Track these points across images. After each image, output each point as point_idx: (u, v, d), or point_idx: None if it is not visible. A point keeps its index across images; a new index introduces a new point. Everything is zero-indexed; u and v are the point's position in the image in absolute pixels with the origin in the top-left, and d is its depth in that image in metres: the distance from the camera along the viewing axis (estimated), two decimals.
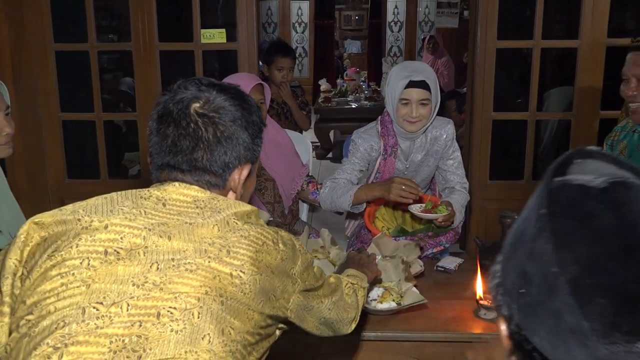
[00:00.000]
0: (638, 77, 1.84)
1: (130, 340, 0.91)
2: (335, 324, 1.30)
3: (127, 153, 4.83)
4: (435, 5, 10.39)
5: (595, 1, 3.15)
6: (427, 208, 2.08)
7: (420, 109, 2.15)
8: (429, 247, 2.22)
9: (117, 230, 1.00)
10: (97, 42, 3.42)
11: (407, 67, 2.26)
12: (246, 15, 3.29)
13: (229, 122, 1.12)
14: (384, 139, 2.27)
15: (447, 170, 2.35)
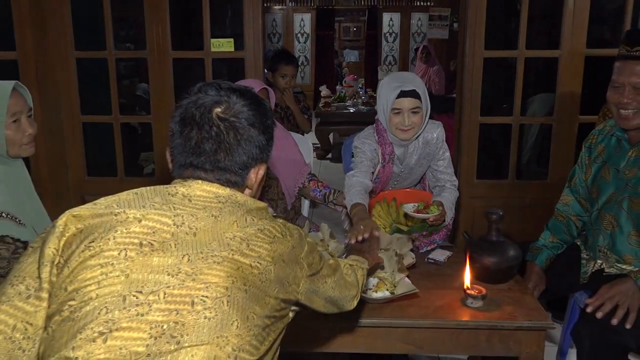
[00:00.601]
0: (633, 84, 1.81)
1: (168, 327, 0.93)
2: (339, 301, 1.35)
3: (143, 153, 4.83)
4: (427, 18, 10.39)
5: (575, 14, 3.15)
6: (420, 208, 2.08)
7: (412, 117, 2.13)
8: (424, 245, 2.22)
9: (150, 225, 1.02)
10: (114, 50, 3.41)
11: (397, 78, 2.23)
12: (252, 26, 3.29)
13: (247, 125, 1.14)
14: (382, 147, 2.25)
15: (437, 170, 2.35)
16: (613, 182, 1.96)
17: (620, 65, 1.86)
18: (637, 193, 1.87)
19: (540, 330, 1.59)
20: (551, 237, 2.12)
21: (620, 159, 1.95)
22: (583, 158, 2.11)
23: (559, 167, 3.35)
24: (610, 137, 2.03)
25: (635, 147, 1.91)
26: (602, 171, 2.01)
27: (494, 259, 1.77)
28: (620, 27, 3.23)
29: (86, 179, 3.55)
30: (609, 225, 1.96)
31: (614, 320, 1.69)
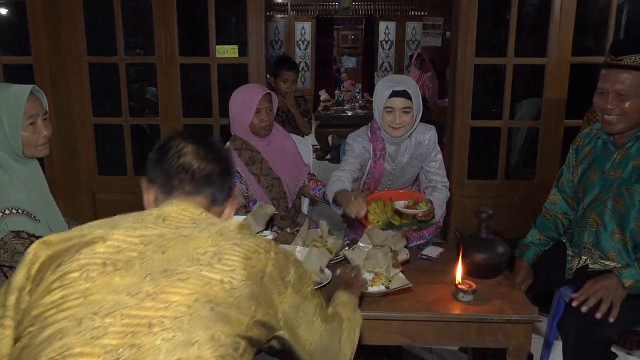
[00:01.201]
0: (616, 91, 1.80)
1: (124, 350, 0.84)
2: (329, 353, 1.18)
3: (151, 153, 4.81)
4: (421, 26, 10.38)
5: (561, 24, 3.14)
6: (410, 204, 2.08)
7: (403, 116, 2.14)
8: (413, 239, 2.23)
9: (115, 245, 0.96)
10: (125, 56, 3.41)
11: (391, 79, 2.25)
12: (255, 34, 3.28)
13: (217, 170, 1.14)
14: (374, 143, 2.26)
15: (429, 171, 2.35)
16: (599, 182, 1.95)
17: (605, 73, 1.85)
18: (621, 193, 1.86)
19: (527, 323, 1.58)
20: (538, 235, 2.12)
21: (606, 161, 1.94)
22: (570, 159, 2.11)
23: (545, 168, 3.34)
24: (596, 139, 2.02)
25: (620, 150, 1.90)
26: (589, 172, 2.00)
27: (483, 255, 1.77)
28: (604, 36, 3.22)
29: (97, 178, 3.55)
30: (594, 223, 1.95)
31: (598, 314, 1.68)
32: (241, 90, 2.42)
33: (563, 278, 2.08)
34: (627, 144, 1.89)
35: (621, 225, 1.87)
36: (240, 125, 2.33)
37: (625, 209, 1.85)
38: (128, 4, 3.62)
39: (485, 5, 3.22)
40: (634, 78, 1.77)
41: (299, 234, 1.93)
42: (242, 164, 2.32)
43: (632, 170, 1.85)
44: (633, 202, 1.83)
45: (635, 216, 1.83)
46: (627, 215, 1.85)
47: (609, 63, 1.83)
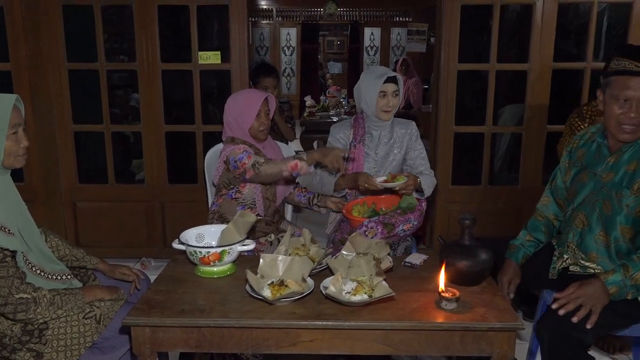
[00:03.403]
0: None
1: None
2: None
3: (135, 160, 4.76)
4: (405, 32, 10.43)
5: (543, 30, 3.17)
6: (388, 179, 2.25)
7: (393, 100, 2.38)
8: (399, 223, 2.24)
9: None
10: (106, 62, 3.37)
11: (377, 69, 2.46)
12: (238, 40, 3.27)
13: None
14: (355, 129, 2.46)
15: (414, 159, 2.49)
16: (590, 184, 1.96)
17: (627, 80, 1.77)
18: (611, 197, 1.86)
19: (510, 331, 1.56)
20: (528, 236, 2.12)
21: (599, 164, 1.94)
22: (564, 162, 2.12)
23: (529, 173, 3.36)
24: (591, 143, 2.02)
25: (614, 154, 1.90)
26: (581, 174, 2.01)
27: (467, 262, 1.75)
28: (584, 43, 3.25)
29: (78, 186, 3.49)
30: (580, 224, 1.96)
31: (574, 319, 1.67)
32: (240, 94, 2.41)
33: (546, 280, 2.08)
34: (622, 149, 1.88)
35: (606, 228, 1.88)
36: (239, 128, 2.31)
37: (612, 212, 1.86)
38: (109, 10, 3.59)
39: (468, 12, 3.24)
40: None
41: (282, 242, 1.90)
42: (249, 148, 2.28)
43: (624, 174, 1.85)
44: (621, 206, 1.84)
45: (621, 221, 1.84)
46: (614, 219, 1.86)
47: (633, 70, 1.76)
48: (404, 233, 2.25)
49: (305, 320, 1.55)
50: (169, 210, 3.51)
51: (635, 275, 1.72)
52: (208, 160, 2.73)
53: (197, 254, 1.79)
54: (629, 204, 1.82)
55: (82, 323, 1.72)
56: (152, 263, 3.50)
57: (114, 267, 2.02)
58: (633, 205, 1.81)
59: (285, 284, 1.64)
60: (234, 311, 1.59)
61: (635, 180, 1.82)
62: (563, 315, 1.70)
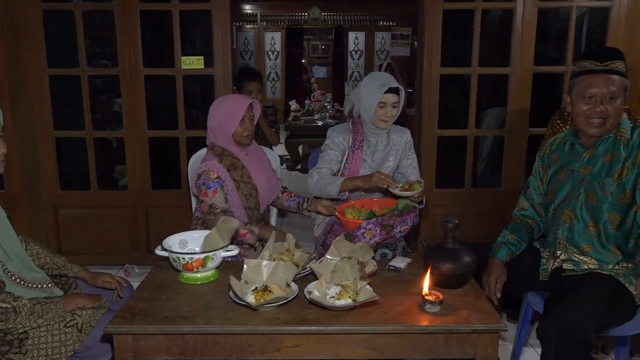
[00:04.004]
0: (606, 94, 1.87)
1: None
2: None
3: (118, 166, 4.73)
4: (389, 36, 10.49)
5: (523, 35, 3.21)
6: (405, 187, 2.20)
7: (392, 110, 2.35)
8: (397, 225, 2.22)
9: None
10: (88, 67, 3.33)
11: (380, 77, 2.41)
12: (221, 45, 3.26)
13: None
14: (354, 135, 2.42)
15: (406, 167, 2.49)
16: (569, 181, 2.01)
17: (591, 79, 1.89)
18: (593, 187, 1.92)
19: (493, 333, 1.58)
20: (510, 235, 2.13)
21: (575, 161, 2.00)
22: (537, 167, 2.16)
23: (511, 175, 3.40)
24: (563, 145, 2.08)
25: (588, 150, 1.97)
26: (558, 174, 2.05)
27: (450, 265, 1.76)
28: (564, 47, 3.30)
29: (59, 192, 3.45)
30: (568, 219, 1.99)
31: None
32: (225, 99, 2.40)
33: (534, 282, 2.09)
34: (596, 143, 1.95)
35: (594, 218, 1.93)
36: (223, 134, 2.30)
37: (597, 201, 1.91)
38: (91, 15, 3.56)
39: (450, 16, 3.27)
40: (618, 81, 1.86)
41: (266, 247, 1.90)
42: (224, 168, 2.27)
43: (602, 165, 1.92)
44: (605, 194, 1.89)
45: (608, 208, 1.89)
46: (600, 208, 1.91)
47: (593, 69, 1.88)
48: (401, 234, 2.27)
49: (290, 326, 1.55)
50: (152, 217, 3.48)
51: None
52: (191, 166, 2.71)
53: (180, 261, 1.78)
54: (613, 192, 1.88)
55: (63, 332, 1.70)
56: (136, 270, 3.46)
57: (96, 275, 1.99)
58: (617, 192, 1.88)
59: (269, 289, 1.64)
60: (218, 317, 1.58)
61: (614, 168, 1.89)
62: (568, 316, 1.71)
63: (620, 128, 1.93)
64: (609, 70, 1.86)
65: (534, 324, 2.47)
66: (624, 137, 1.91)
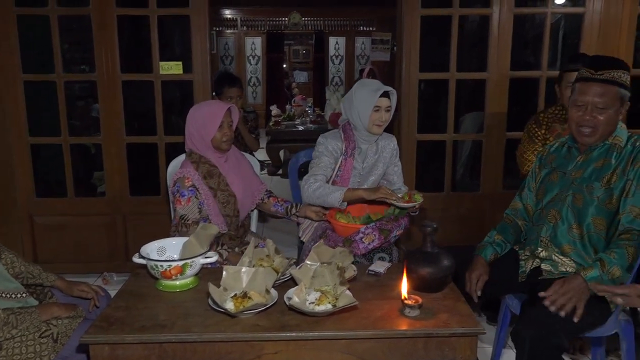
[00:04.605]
0: (596, 104, 1.89)
1: None
2: None
3: (96, 172, 4.66)
4: (370, 41, 10.56)
5: (500, 40, 3.25)
6: (405, 199, 2.24)
7: (386, 115, 2.38)
8: (394, 229, 2.30)
9: None
10: (64, 73, 3.29)
11: (372, 83, 2.44)
12: (200, 50, 3.25)
13: None
14: (346, 142, 2.43)
15: (392, 174, 2.55)
16: (559, 182, 2.04)
17: (583, 87, 1.92)
18: (581, 190, 1.95)
19: (472, 336, 1.59)
20: (497, 236, 2.16)
21: (569, 163, 2.04)
22: (534, 168, 2.20)
23: (489, 179, 3.43)
24: (561, 147, 2.12)
25: (583, 154, 2.01)
26: (551, 175, 2.09)
27: (429, 269, 1.77)
28: (540, 52, 3.36)
29: (35, 200, 3.39)
30: (553, 219, 2.02)
31: (562, 313, 1.71)
32: (203, 105, 2.38)
33: (513, 285, 2.12)
34: (591, 148, 1.99)
35: (579, 220, 1.95)
36: (201, 139, 2.28)
37: (583, 204, 1.94)
38: (67, 20, 3.51)
39: (428, 22, 3.30)
40: (611, 92, 1.88)
41: (246, 253, 1.89)
42: (200, 177, 2.26)
43: (593, 170, 1.95)
44: (592, 198, 1.92)
45: (593, 212, 1.92)
46: (585, 211, 1.93)
47: (588, 77, 1.91)
48: (395, 238, 2.30)
49: (269, 332, 1.54)
50: (131, 224, 3.44)
51: (612, 269, 1.79)
52: (170, 172, 2.69)
53: (158, 268, 1.76)
54: (600, 196, 1.91)
55: (38, 342, 1.67)
56: (114, 278, 3.42)
57: (72, 284, 1.96)
58: (603, 197, 1.90)
59: (249, 295, 1.63)
60: (197, 325, 1.56)
61: (603, 174, 1.92)
62: (541, 321, 1.74)
63: (616, 136, 1.95)
64: (602, 79, 1.87)
65: (512, 326, 2.49)
66: (618, 145, 1.94)
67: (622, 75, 1.89)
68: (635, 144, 1.93)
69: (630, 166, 1.88)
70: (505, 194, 3.27)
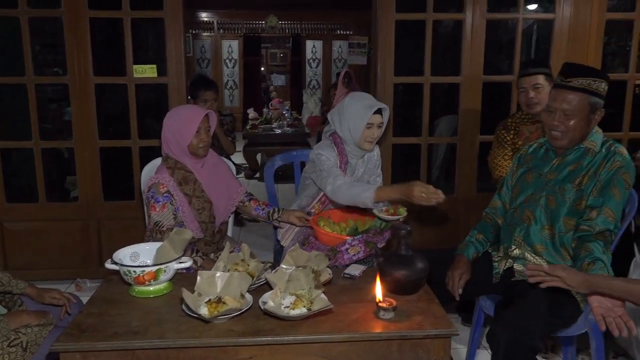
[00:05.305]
0: (564, 111, 1.93)
1: None
2: None
3: (69, 176, 4.59)
4: (347, 45, 10.61)
5: (472, 45, 3.30)
6: (390, 212, 2.21)
7: (377, 131, 2.36)
8: (379, 242, 2.27)
9: None
10: (35, 76, 3.23)
11: (365, 98, 2.40)
12: (174, 53, 3.22)
13: None
14: (340, 156, 2.39)
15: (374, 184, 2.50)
16: (534, 183, 2.08)
17: (555, 93, 1.98)
18: (555, 192, 2.00)
19: (445, 338, 1.61)
20: (478, 234, 2.20)
21: (545, 165, 2.08)
22: (512, 166, 2.25)
23: (464, 182, 3.48)
24: (539, 149, 2.17)
25: (559, 157, 2.05)
26: (526, 175, 2.14)
27: (404, 272, 1.78)
28: (512, 57, 3.42)
29: (6, 206, 3.32)
30: (527, 219, 2.06)
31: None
32: (179, 109, 2.34)
33: (487, 286, 2.15)
34: (566, 152, 2.03)
35: (551, 221, 2.00)
36: (177, 145, 2.25)
37: (556, 205, 1.99)
38: (39, 22, 3.46)
39: (403, 26, 3.33)
40: (579, 99, 1.91)
41: (220, 258, 1.88)
42: (175, 183, 2.23)
43: (568, 173, 2.00)
44: (564, 200, 1.97)
45: (565, 212, 1.97)
46: (558, 212, 1.99)
47: (559, 84, 1.96)
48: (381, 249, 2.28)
49: (244, 337, 1.53)
50: (105, 229, 3.39)
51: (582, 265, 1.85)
52: (145, 176, 2.66)
53: (131, 274, 1.74)
54: (571, 197, 1.96)
55: (6, 352, 1.63)
56: (88, 284, 3.36)
57: (43, 291, 1.92)
58: (574, 198, 1.96)
59: (223, 300, 1.62)
60: (170, 331, 1.55)
61: (576, 175, 1.97)
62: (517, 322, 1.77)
63: (590, 140, 2.00)
64: (572, 87, 1.91)
65: (486, 327, 2.53)
66: (592, 149, 1.99)
67: (594, 83, 1.91)
68: (609, 148, 1.98)
69: (603, 169, 1.93)
70: (479, 196, 3.32)
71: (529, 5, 4.20)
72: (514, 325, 1.77)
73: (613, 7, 3.83)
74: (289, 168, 2.93)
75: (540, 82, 2.58)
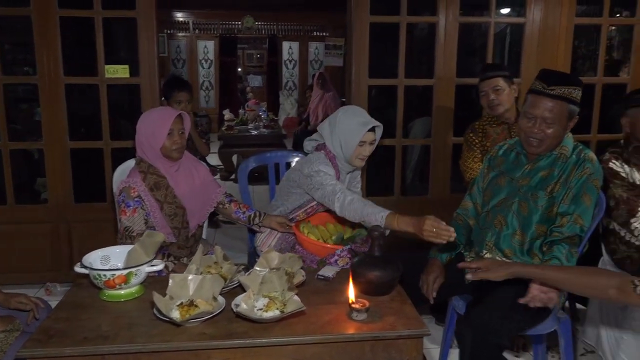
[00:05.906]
0: (545, 119, 1.94)
1: None
2: None
3: (39, 178, 4.49)
4: (323, 47, 10.64)
5: (446, 47, 3.34)
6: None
7: (369, 148, 2.31)
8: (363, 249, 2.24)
9: None
10: (3, 75, 3.15)
11: (359, 114, 2.32)
12: (147, 53, 3.18)
13: None
14: (335, 170, 2.35)
15: (354, 190, 2.52)
16: (506, 188, 2.10)
17: (535, 100, 1.96)
18: (527, 199, 2.02)
19: (418, 338, 1.62)
20: None
21: (517, 170, 2.10)
22: (483, 168, 2.27)
23: (437, 183, 3.51)
24: (510, 152, 2.18)
25: (531, 162, 2.07)
26: (498, 179, 2.15)
27: (377, 273, 1.79)
28: (484, 59, 3.47)
29: None
30: (498, 224, 2.09)
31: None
32: (152, 112, 2.29)
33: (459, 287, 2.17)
34: (539, 158, 2.05)
35: (523, 227, 2.03)
36: (151, 148, 2.20)
37: (528, 212, 2.01)
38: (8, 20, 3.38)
39: (377, 29, 3.35)
40: (560, 107, 1.93)
41: (193, 260, 1.86)
42: (146, 188, 2.19)
43: (540, 179, 2.02)
44: (537, 207, 2.00)
45: (537, 220, 2.00)
46: (530, 219, 2.01)
47: (540, 91, 1.95)
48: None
49: (216, 340, 1.52)
50: (75, 231, 3.33)
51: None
52: (117, 177, 2.61)
53: (101, 278, 1.71)
54: (543, 205, 1.99)
55: None
56: (58, 288, 3.29)
57: (9, 296, 1.88)
58: (546, 206, 1.98)
59: (195, 303, 1.60)
60: (141, 335, 1.52)
61: (548, 183, 2.00)
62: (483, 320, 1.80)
63: (563, 146, 2.02)
64: (553, 95, 1.92)
65: None
66: (564, 155, 2.01)
67: (573, 91, 1.94)
68: (580, 154, 2.00)
69: (574, 177, 1.96)
70: (452, 197, 3.36)
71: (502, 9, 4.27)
72: (480, 324, 1.79)
73: (582, 12, 3.93)
74: (264, 169, 2.92)
75: (500, 85, 2.69)
